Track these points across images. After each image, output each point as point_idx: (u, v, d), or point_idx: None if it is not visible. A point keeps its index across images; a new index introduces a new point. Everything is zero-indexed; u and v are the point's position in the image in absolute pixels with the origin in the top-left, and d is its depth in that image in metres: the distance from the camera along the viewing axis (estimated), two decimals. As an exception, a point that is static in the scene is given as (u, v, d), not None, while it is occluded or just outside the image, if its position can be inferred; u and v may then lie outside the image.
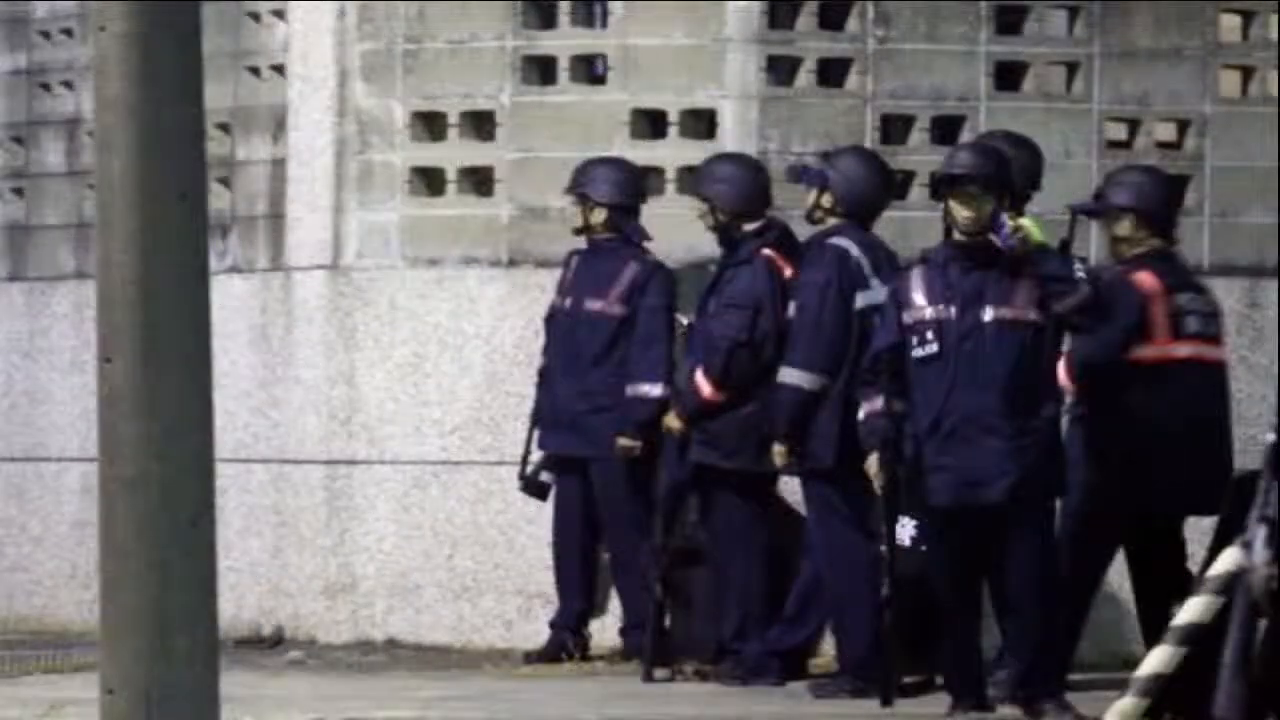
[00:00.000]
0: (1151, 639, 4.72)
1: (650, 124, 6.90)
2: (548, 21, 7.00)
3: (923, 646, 5.71)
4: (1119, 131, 7.05)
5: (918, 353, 5.17)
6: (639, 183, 6.58)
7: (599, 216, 6.45)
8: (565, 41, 6.98)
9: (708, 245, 6.40)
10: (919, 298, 5.20)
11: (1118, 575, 6.01)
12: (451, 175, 7.03)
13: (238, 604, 6.93)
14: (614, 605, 6.71)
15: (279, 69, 7.26)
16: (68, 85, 7.81)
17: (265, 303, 7.28)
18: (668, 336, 6.44)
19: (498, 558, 6.91)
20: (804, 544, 6.14)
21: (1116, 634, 6.23)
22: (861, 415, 5.36)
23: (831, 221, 5.94)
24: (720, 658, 6.26)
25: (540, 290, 6.77)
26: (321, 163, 7.11)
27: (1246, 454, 5.47)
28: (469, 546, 6.90)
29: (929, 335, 5.15)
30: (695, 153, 6.65)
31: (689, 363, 6.19)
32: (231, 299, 7.08)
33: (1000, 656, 5.56)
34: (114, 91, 1.95)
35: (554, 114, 6.96)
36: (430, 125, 7.07)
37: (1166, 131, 7.13)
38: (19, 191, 8.02)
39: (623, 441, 6.33)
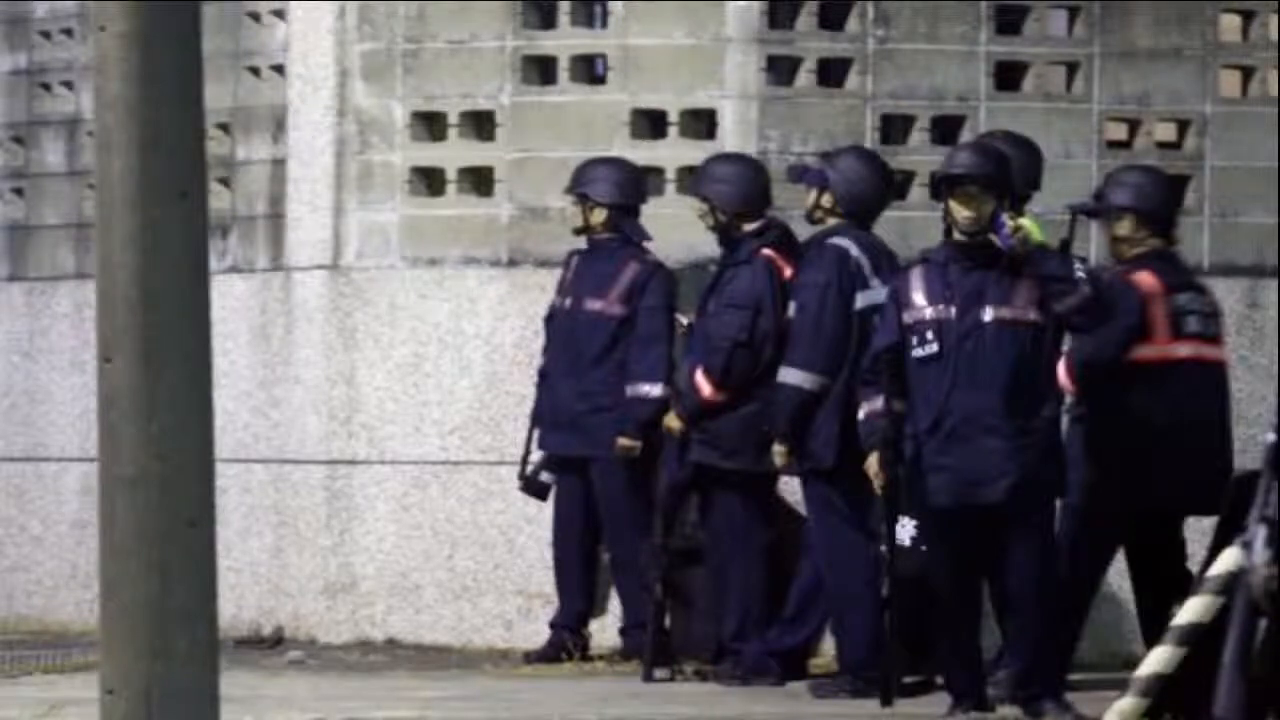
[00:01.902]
0: (1151, 639, 4.72)
1: (650, 124, 6.90)
2: (548, 21, 7.00)
3: (923, 646, 5.72)
4: (1119, 131, 7.05)
5: (918, 353, 5.17)
6: (639, 183, 6.59)
7: (599, 216, 6.45)
8: (565, 41, 6.98)
9: (708, 245, 6.41)
10: (919, 298, 5.20)
11: (1118, 575, 6.01)
12: (451, 175, 7.03)
13: (238, 604, 6.94)
14: (614, 605, 6.71)
15: (279, 69, 7.27)
16: (68, 85, 7.81)
17: (265, 303, 7.29)
18: (668, 336, 6.44)
19: (498, 558, 6.91)
20: (804, 544, 6.15)
21: (1116, 634, 6.24)
22: (861, 415, 5.37)
23: (831, 221, 5.94)
24: (720, 658, 6.27)
25: (540, 290, 6.77)
26: (321, 163, 7.11)
27: (1246, 454, 5.47)
28: (469, 546, 6.91)
29: (929, 335, 5.15)
30: (695, 153, 6.65)
31: (689, 363, 6.19)
32: (231, 299, 7.09)
33: (1000, 656, 5.56)
34: (114, 91, 1.95)
35: (554, 114, 6.96)
36: (430, 125, 7.07)
37: (1166, 131, 7.13)
38: (19, 191, 8.03)
39: (623, 441, 6.34)
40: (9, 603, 7.83)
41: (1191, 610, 3.97)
